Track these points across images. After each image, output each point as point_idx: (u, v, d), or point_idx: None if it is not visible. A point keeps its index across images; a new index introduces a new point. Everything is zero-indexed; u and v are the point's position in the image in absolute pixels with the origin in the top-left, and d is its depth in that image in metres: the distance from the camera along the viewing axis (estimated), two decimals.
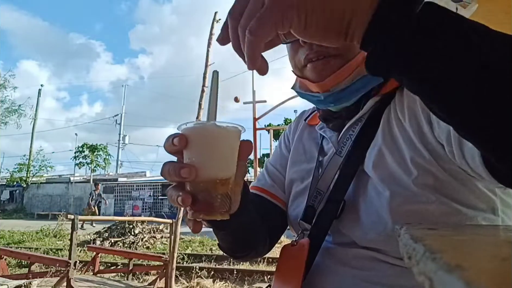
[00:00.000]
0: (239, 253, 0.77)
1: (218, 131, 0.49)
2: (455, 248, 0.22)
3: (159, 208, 21.35)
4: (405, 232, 0.27)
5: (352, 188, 0.68)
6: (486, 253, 0.22)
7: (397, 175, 0.61)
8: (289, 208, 0.81)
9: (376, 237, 0.62)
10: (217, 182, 0.48)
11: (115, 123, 33.89)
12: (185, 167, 0.47)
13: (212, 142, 0.49)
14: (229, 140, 0.50)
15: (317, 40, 0.42)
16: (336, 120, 0.75)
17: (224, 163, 0.49)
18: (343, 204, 0.67)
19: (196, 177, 0.47)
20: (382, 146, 0.65)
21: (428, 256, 0.20)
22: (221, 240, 0.71)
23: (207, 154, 0.48)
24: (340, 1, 0.38)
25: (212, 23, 5.28)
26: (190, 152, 0.49)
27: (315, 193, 0.73)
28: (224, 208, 0.49)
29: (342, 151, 0.71)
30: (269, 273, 5.86)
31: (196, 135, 0.48)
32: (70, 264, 4.01)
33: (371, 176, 0.65)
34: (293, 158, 0.86)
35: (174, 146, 0.48)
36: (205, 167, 0.48)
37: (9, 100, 20.51)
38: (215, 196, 0.49)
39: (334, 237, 0.71)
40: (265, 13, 0.38)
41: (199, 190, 0.48)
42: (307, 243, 0.69)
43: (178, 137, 0.48)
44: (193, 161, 0.48)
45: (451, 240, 0.26)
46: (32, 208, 25.24)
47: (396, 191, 0.60)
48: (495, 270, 0.17)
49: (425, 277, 0.19)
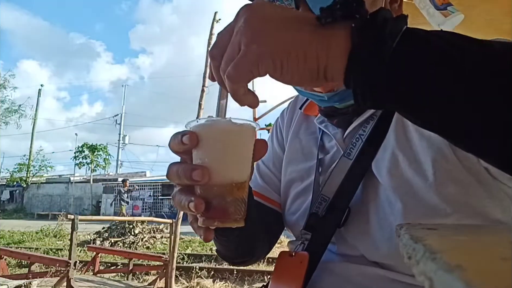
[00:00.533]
0: (239, 259, 0.74)
1: (234, 128, 0.44)
2: (455, 248, 0.22)
3: (159, 208, 21.35)
4: (405, 232, 0.27)
5: (359, 195, 0.62)
6: (486, 253, 0.22)
7: (413, 183, 0.55)
8: (287, 211, 0.74)
9: (388, 252, 0.56)
10: (233, 186, 0.43)
11: (115, 123, 33.90)
12: (197, 169, 0.42)
13: (227, 141, 0.44)
14: (246, 138, 0.45)
15: (296, 84, 0.41)
16: (342, 116, 0.67)
17: (240, 165, 0.45)
18: (348, 211, 0.61)
19: (210, 180, 0.42)
20: (396, 149, 0.58)
21: (428, 256, 0.20)
22: (221, 246, 0.67)
23: (222, 154, 0.43)
24: (313, 48, 0.37)
25: (212, 23, 5.27)
26: (201, 152, 0.43)
27: (319, 199, 0.65)
28: (239, 214, 0.44)
29: (352, 153, 0.63)
30: (269, 273, 5.85)
31: (209, 133, 0.43)
32: (70, 264, 4.01)
33: (382, 183, 0.58)
34: (289, 157, 0.78)
35: (183, 145, 0.43)
36: (220, 169, 0.43)
37: (9, 100, 20.53)
38: (230, 201, 0.43)
39: (340, 246, 0.65)
40: (241, 60, 0.38)
41: (212, 195, 0.43)
42: (306, 258, 0.62)
43: (188, 135, 0.43)
44: (205, 162, 0.43)
45: (451, 240, 0.26)
46: (32, 208, 25.22)
47: (410, 203, 0.54)
48: (495, 270, 0.17)
49: (425, 277, 0.19)
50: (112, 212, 20.51)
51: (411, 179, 0.55)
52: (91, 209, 24.14)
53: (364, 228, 0.60)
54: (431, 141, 0.54)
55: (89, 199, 24.85)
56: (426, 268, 0.19)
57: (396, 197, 0.56)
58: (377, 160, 0.60)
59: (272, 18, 0.39)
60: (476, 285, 0.15)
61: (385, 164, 0.58)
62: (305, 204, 0.69)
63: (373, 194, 0.60)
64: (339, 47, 0.37)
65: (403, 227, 0.30)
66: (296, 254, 0.65)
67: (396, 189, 0.56)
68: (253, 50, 0.37)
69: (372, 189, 0.60)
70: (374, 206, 0.59)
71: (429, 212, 0.53)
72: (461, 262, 0.17)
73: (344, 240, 0.63)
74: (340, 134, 0.68)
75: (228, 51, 0.39)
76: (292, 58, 0.37)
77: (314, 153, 0.72)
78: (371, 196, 0.60)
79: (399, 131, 0.59)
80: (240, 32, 0.38)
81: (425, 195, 0.53)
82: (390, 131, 0.60)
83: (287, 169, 0.77)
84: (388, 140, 0.60)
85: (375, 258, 0.59)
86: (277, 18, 0.39)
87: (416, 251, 0.22)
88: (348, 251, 0.63)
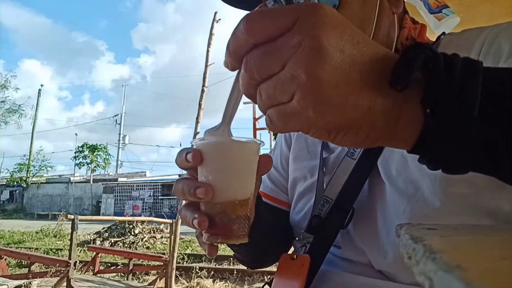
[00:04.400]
0: (257, 263, 0.74)
1: (236, 147, 0.44)
2: (455, 248, 0.22)
3: (159, 208, 21.36)
4: (405, 232, 0.27)
5: (365, 195, 0.60)
6: (486, 253, 0.22)
7: (420, 185, 0.52)
8: (292, 210, 0.73)
9: (394, 259, 0.54)
10: (236, 203, 0.44)
11: (115, 123, 33.93)
12: (201, 187, 0.42)
13: (230, 159, 0.44)
14: (249, 156, 0.45)
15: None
16: None
17: (243, 182, 0.45)
18: (352, 212, 0.59)
19: (213, 198, 0.43)
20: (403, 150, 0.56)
21: (428, 256, 0.20)
22: (237, 253, 0.67)
23: (225, 172, 0.44)
24: (381, 121, 0.31)
25: (212, 23, 5.28)
26: (205, 170, 0.44)
27: (322, 201, 0.63)
28: (243, 231, 0.45)
29: (355, 153, 0.62)
30: (269, 273, 5.85)
31: (213, 152, 0.44)
32: (70, 264, 4.02)
33: (388, 184, 0.56)
34: (295, 154, 0.76)
35: (187, 162, 0.43)
36: (223, 187, 0.43)
37: (9, 100, 20.54)
38: (233, 218, 0.44)
39: (345, 250, 0.62)
40: (291, 117, 0.30)
41: (215, 212, 0.44)
42: (307, 261, 0.61)
43: (192, 153, 0.43)
44: (209, 179, 0.43)
45: (451, 240, 0.26)
46: (32, 208, 25.26)
47: (417, 205, 0.52)
48: (495, 270, 0.17)
49: (425, 277, 0.19)
50: (112, 212, 20.52)
51: (419, 180, 0.52)
52: (91, 209, 24.18)
53: (370, 230, 0.58)
54: None
55: (89, 199, 24.89)
56: (426, 268, 0.19)
57: (402, 198, 0.53)
58: (384, 160, 0.58)
59: (347, 59, 0.29)
60: (476, 285, 0.15)
61: (393, 165, 0.56)
62: (309, 204, 0.68)
63: (379, 194, 0.58)
64: (410, 120, 0.31)
65: (403, 227, 0.30)
66: (297, 257, 0.63)
67: (403, 191, 0.54)
68: (310, 116, 0.30)
69: (378, 190, 0.58)
70: (380, 207, 0.57)
71: (437, 215, 0.50)
72: (461, 262, 0.17)
73: (350, 243, 0.61)
74: None
75: (275, 82, 0.30)
76: (352, 133, 0.32)
77: (318, 152, 0.70)
78: (377, 196, 0.58)
79: None
80: (301, 68, 0.28)
81: (433, 196, 0.50)
82: None
83: (292, 166, 0.76)
84: None
85: (381, 266, 0.57)
86: (352, 58, 0.29)
87: (416, 251, 0.22)
88: (353, 255, 0.61)
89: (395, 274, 0.55)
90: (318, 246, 0.63)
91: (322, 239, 0.62)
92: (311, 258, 0.61)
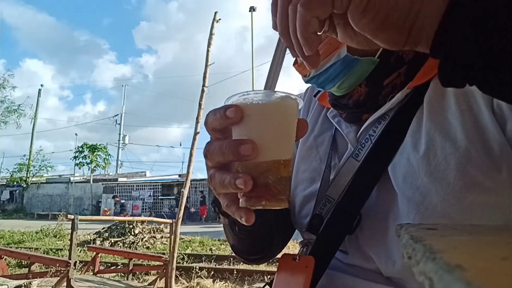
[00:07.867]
0: (255, 255, 0.73)
1: (283, 102, 0.42)
2: (455, 248, 0.22)
3: (159, 208, 21.37)
4: (405, 232, 0.27)
5: (373, 200, 0.57)
6: (486, 253, 0.22)
7: (429, 191, 0.49)
8: (297, 214, 0.69)
9: (403, 267, 0.52)
10: (280, 163, 0.41)
11: (115, 123, 33.91)
12: (246, 143, 0.38)
13: (277, 115, 0.41)
14: (292, 113, 0.42)
15: (371, 33, 0.36)
16: (346, 109, 0.63)
17: (286, 142, 0.42)
18: (359, 218, 0.57)
19: (258, 156, 0.39)
20: (411, 155, 0.52)
21: (428, 256, 0.20)
22: (238, 240, 0.65)
23: (270, 130, 0.41)
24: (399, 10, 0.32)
25: (212, 23, 5.27)
26: (247, 128, 0.41)
27: (323, 200, 0.61)
28: (284, 194, 0.42)
29: (360, 154, 0.59)
30: (269, 273, 5.85)
31: (256, 108, 0.41)
32: (70, 264, 4.01)
33: (397, 191, 0.53)
34: (303, 152, 0.72)
35: (226, 119, 0.39)
36: (269, 145, 0.40)
37: (8, 100, 20.52)
38: (276, 180, 0.41)
39: (352, 256, 0.60)
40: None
41: (258, 173, 0.40)
42: (312, 262, 0.58)
43: (233, 108, 0.39)
44: (252, 137, 0.40)
45: (451, 240, 0.26)
46: (32, 208, 25.25)
47: (426, 213, 0.49)
48: (495, 270, 0.17)
49: (425, 277, 0.19)
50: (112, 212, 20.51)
51: (427, 186, 0.49)
52: (91, 209, 24.16)
53: (379, 237, 0.55)
54: (457, 144, 0.48)
55: (89, 199, 24.88)
56: (426, 268, 0.19)
57: (411, 206, 0.50)
58: (394, 165, 0.55)
59: None
60: (476, 285, 0.15)
61: (401, 170, 0.53)
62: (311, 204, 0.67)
63: (388, 200, 0.55)
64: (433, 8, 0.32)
65: (403, 227, 0.30)
66: (300, 258, 0.61)
67: (410, 198, 0.50)
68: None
69: (388, 195, 0.55)
70: (390, 214, 0.54)
71: (448, 221, 0.48)
72: (461, 262, 0.17)
73: (358, 249, 0.59)
74: (353, 134, 0.64)
75: None
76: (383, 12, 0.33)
77: (327, 154, 0.68)
78: (386, 202, 0.55)
79: (416, 133, 0.53)
80: None
81: (444, 204, 0.47)
82: (408, 137, 0.54)
83: (299, 165, 0.72)
84: (405, 144, 0.54)
85: (390, 273, 0.54)
86: None
87: (416, 251, 0.22)
88: (361, 261, 0.59)
89: (405, 281, 0.53)
90: (322, 247, 0.60)
91: (325, 241, 0.60)
92: (314, 259, 0.59)
